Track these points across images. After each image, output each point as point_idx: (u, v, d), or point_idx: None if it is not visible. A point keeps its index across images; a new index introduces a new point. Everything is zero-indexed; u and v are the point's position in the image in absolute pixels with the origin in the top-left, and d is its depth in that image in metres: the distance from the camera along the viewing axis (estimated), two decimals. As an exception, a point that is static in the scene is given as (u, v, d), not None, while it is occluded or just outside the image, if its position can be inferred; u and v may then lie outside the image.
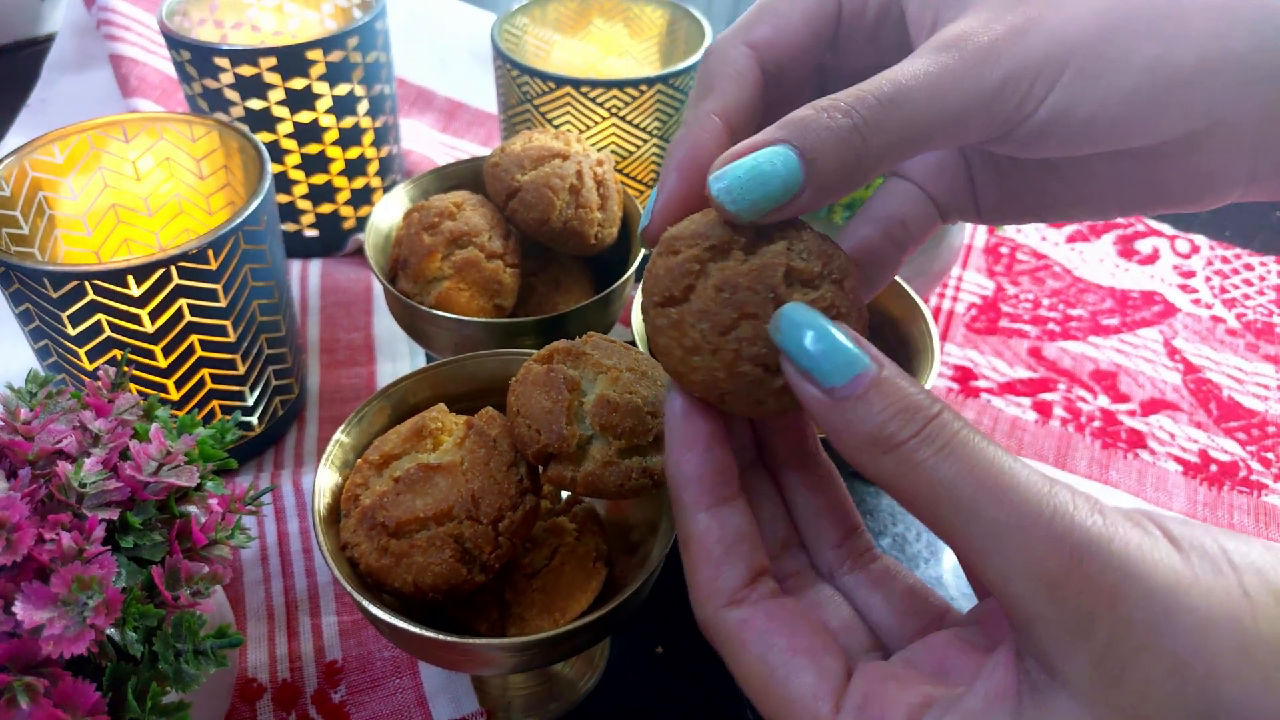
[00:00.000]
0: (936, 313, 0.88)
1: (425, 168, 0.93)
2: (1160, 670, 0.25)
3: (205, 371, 0.64)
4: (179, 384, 0.63)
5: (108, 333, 0.58)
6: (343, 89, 0.82)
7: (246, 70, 0.77)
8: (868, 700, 0.30)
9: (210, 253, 0.58)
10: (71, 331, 0.58)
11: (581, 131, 0.79)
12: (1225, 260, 0.95)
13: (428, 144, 1.05)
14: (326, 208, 0.89)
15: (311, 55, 0.78)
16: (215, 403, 0.66)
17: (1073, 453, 0.75)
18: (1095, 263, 0.95)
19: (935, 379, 0.64)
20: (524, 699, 0.57)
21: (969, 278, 0.93)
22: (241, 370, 0.66)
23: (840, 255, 0.35)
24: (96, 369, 0.50)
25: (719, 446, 0.35)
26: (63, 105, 1.08)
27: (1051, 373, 0.82)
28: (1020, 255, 0.96)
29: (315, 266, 0.89)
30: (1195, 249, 0.96)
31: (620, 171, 0.84)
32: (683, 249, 0.35)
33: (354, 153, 0.87)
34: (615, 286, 0.64)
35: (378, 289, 0.87)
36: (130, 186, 0.70)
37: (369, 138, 0.87)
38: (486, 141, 1.09)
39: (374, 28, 0.82)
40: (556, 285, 0.71)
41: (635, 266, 0.66)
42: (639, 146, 0.82)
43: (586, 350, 0.46)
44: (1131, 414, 0.79)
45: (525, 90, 0.79)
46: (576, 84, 0.77)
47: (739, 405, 0.35)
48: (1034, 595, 0.27)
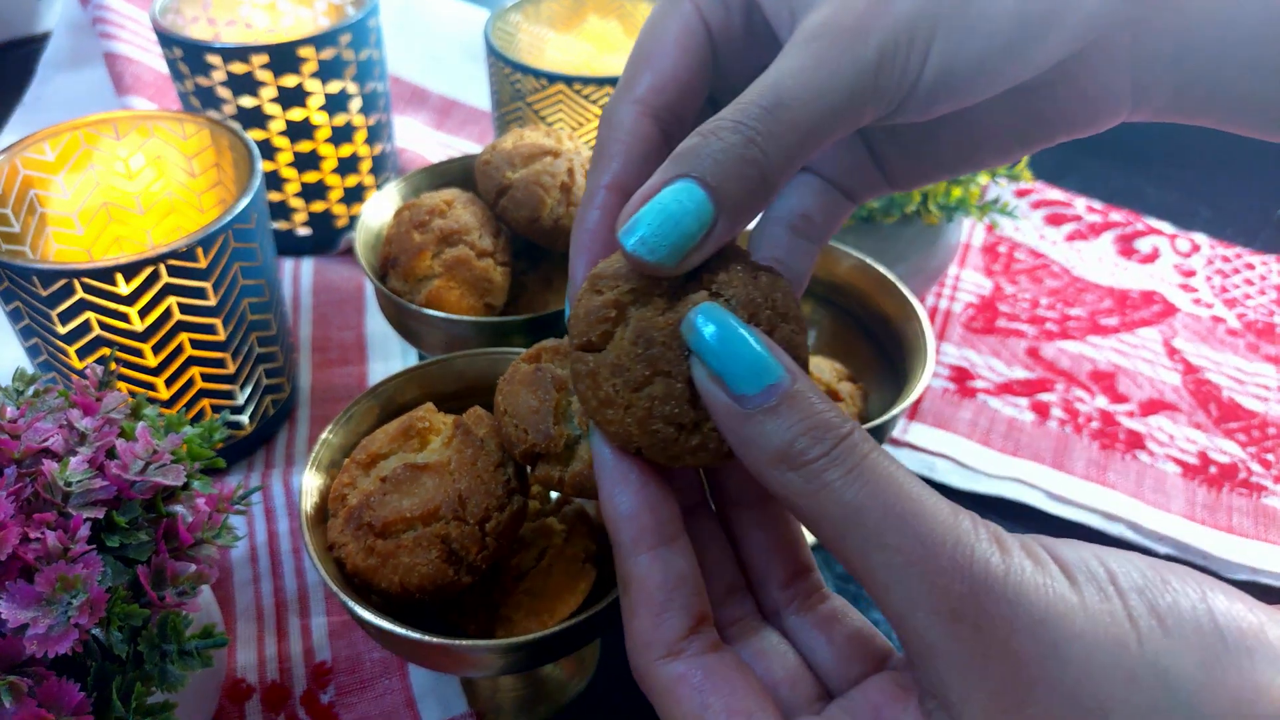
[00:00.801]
0: (933, 312, 0.88)
1: (419, 165, 0.93)
2: (1054, 702, 0.26)
3: (195, 370, 0.64)
4: (169, 382, 0.63)
5: (97, 331, 0.58)
6: (335, 86, 0.81)
7: (238, 68, 0.77)
8: None
9: (200, 251, 0.58)
10: (61, 330, 0.58)
11: (575, 129, 0.79)
12: (1226, 259, 0.95)
13: (422, 141, 1.05)
14: (319, 206, 0.89)
15: (304, 52, 0.78)
16: (205, 401, 0.66)
17: (1070, 454, 0.75)
18: (1094, 262, 0.94)
19: (930, 379, 0.63)
20: (513, 701, 0.57)
21: (966, 276, 0.92)
22: (232, 369, 0.65)
23: (776, 290, 0.34)
24: (85, 368, 0.50)
25: (655, 483, 0.34)
26: (58, 103, 1.08)
27: (1049, 373, 0.82)
28: (1018, 254, 0.95)
29: (307, 265, 0.89)
30: (1196, 248, 0.96)
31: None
32: (605, 290, 0.34)
33: (346, 150, 0.86)
34: (608, 285, 0.64)
35: (369, 288, 0.87)
36: (122, 184, 0.69)
37: (361, 135, 0.87)
38: (481, 139, 1.09)
39: (366, 25, 0.82)
40: (547, 284, 0.71)
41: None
42: (634, 145, 0.82)
43: None
44: (1130, 415, 0.78)
45: (518, 87, 0.79)
46: (569, 81, 0.76)
47: (656, 457, 0.34)
48: (933, 628, 0.27)
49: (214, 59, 0.77)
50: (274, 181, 0.86)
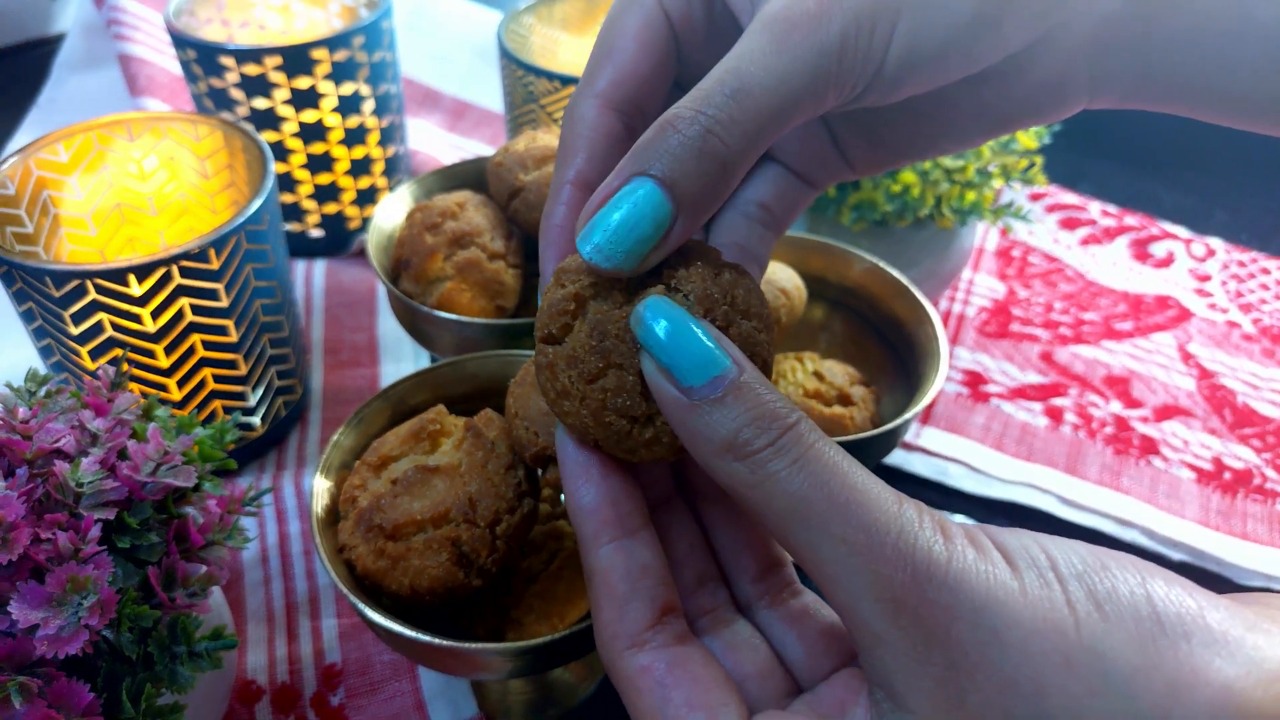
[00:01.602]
0: (946, 316, 0.87)
1: (432, 167, 0.93)
2: (994, 688, 0.26)
3: (207, 371, 0.64)
4: (180, 384, 0.63)
5: (109, 332, 0.58)
6: (348, 88, 0.81)
7: (252, 69, 0.77)
8: None
9: (212, 252, 0.58)
10: (74, 331, 0.58)
11: (588, 132, 0.79)
12: (1241, 264, 0.94)
13: (434, 143, 1.05)
14: (331, 208, 0.89)
15: (317, 54, 0.78)
16: (217, 403, 0.66)
17: (1084, 459, 0.74)
18: (1109, 266, 0.94)
19: (943, 383, 0.63)
20: (523, 704, 0.57)
21: (980, 281, 0.92)
22: (243, 370, 0.65)
23: (738, 287, 0.34)
24: (97, 369, 0.50)
25: (617, 477, 0.34)
26: (72, 104, 1.08)
27: (1063, 378, 0.81)
28: (1032, 258, 0.95)
29: (320, 266, 0.89)
30: (1211, 252, 0.95)
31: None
32: (567, 283, 0.34)
33: (359, 152, 0.87)
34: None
35: (381, 289, 0.87)
36: (135, 185, 0.69)
37: (374, 137, 0.87)
38: (494, 141, 1.09)
39: (380, 27, 0.82)
40: (561, 286, 0.71)
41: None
42: (646, 147, 0.82)
43: None
44: (1144, 420, 0.78)
45: (531, 89, 0.79)
46: (583, 84, 0.76)
47: (613, 450, 0.34)
48: (877, 617, 0.27)
49: (228, 61, 0.77)
50: (287, 183, 0.86)
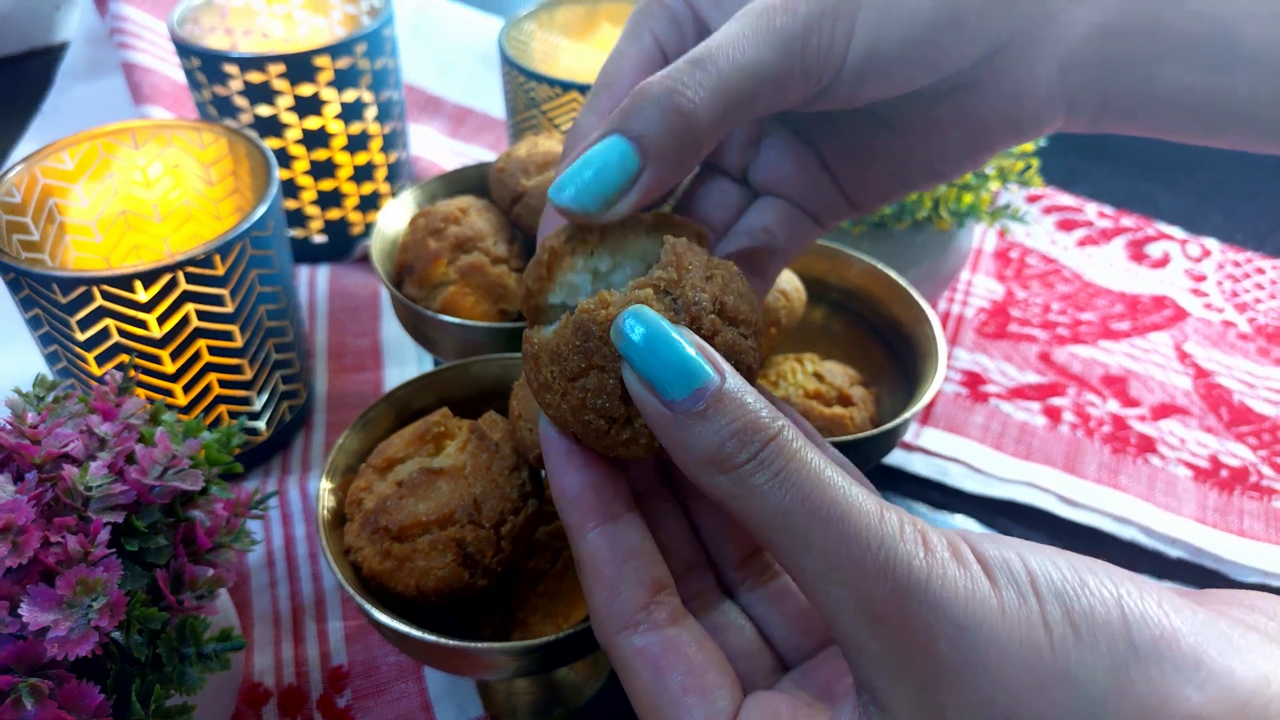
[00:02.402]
0: (945, 317, 0.88)
1: (434, 173, 0.93)
2: (971, 707, 0.26)
3: (212, 376, 0.64)
4: (186, 389, 0.63)
5: (116, 338, 0.59)
6: (351, 95, 0.82)
7: (255, 77, 0.78)
8: None
9: (217, 258, 0.59)
10: (80, 336, 0.58)
11: (589, 137, 0.80)
12: (1236, 264, 0.95)
13: (436, 149, 1.05)
14: (335, 213, 0.89)
15: (320, 62, 0.78)
16: (222, 408, 0.66)
17: (1082, 458, 0.75)
18: (1105, 267, 0.94)
19: (942, 383, 0.63)
20: (528, 704, 0.57)
21: (979, 282, 0.92)
22: (249, 375, 0.66)
23: (729, 292, 0.34)
24: (104, 374, 0.50)
25: (600, 465, 0.35)
26: (75, 112, 1.09)
27: (1061, 377, 0.82)
28: (1030, 259, 0.95)
29: (323, 272, 0.89)
30: (1206, 253, 0.96)
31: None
32: (546, 242, 0.35)
33: (362, 158, 0.87)
34: (621, 291, 0.64)
35: (385, 294, 0.87)
36: (140, 193, 0.70)
37: (377, 143, 0.88)
38: (495, 146, 1.09)
39: (382, 34, 0.82)
40: (563, 290, 0.71)
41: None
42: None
43: None
44: (1142, 419, 0.78)
45: (532, 95, 0.80)
46: (583, 89, 0.77)
47: (592, 446, 0.34)
48: (861, 630, 0.27)
49: (231, 68, 0.77)
50: (290, 189, 0.87)
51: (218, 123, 0.70)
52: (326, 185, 0.87)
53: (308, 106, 0.81)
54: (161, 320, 0.59)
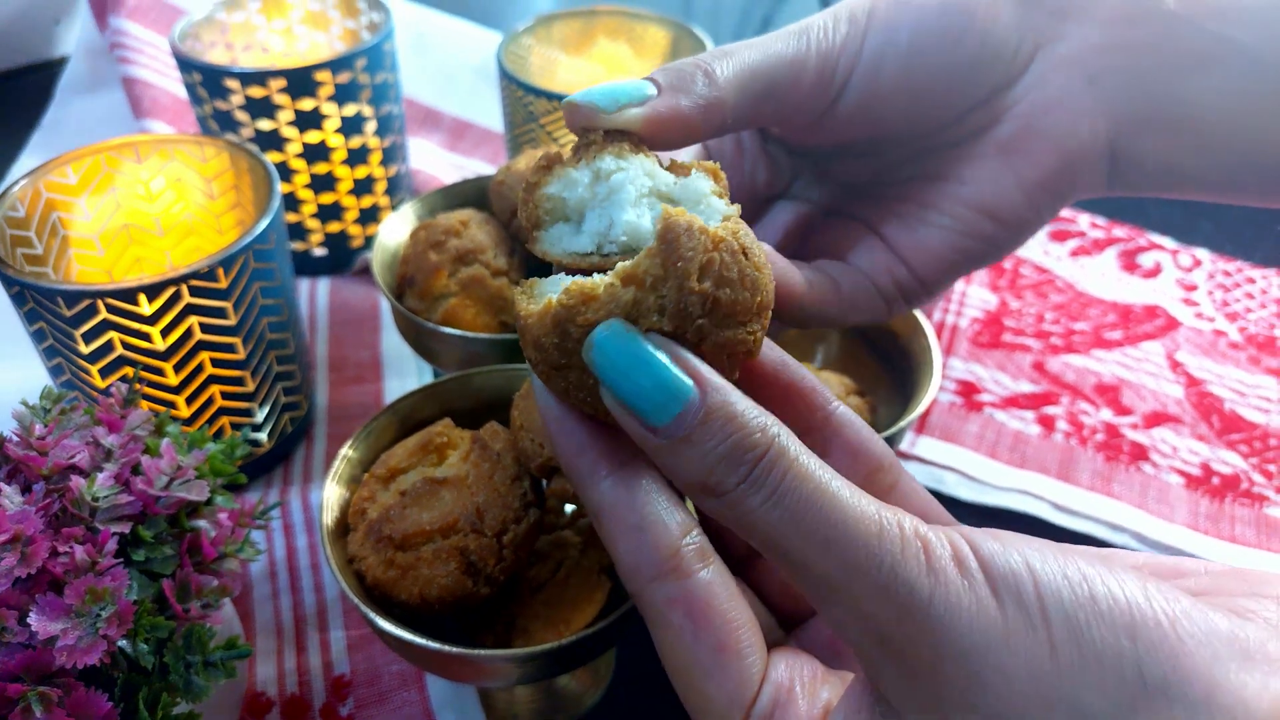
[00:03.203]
0: (940, 327, 0.89)
1: (433, 186, 0.94)
2: None
3: (215, 389, 0.65)
4: (189, 400, 0.64)
5: (119, 350, 0.59)
6: (351, 109, 0.83)
7: (256, 91, 0.78)
8: (773, 710, 0.30)
9: (220, 271, 0.59)
10: (84, 350, 0.59)
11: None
12: (1227, 274, 0.95)
13: (435, 163, 1.06)
14: (335, 226, 0.90)
15: (320, 76, 0.79)
16: (225, 419, 0.67)
17: (1075, 466, 0.75)
18: (1098, 277, 0.95)
19: (937, 393, 0.64)
20: (530, 712, 0.58)
21: (972, 292, 0.93)
22: (251, 387, 0.67)
23: (724, 285, 0.30)
24: (109, 386, 0.51)
25: (597, 420, 0.33)
26: (76, 127, 1.09)
27: (1055, 386, 0.83)
28: (1023, 270, 0.96)
29: (324, 285, 0.90)
30: (1197, 263, 0.97)
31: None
32: (559, 151, 0.36)
33: (362, 172, 0.88)
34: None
35: (385, 307, 0.88)
36: (142, 206, 0.71)
37: (377, 157, 0.88)
38: (494, 160, 1.10)
39: (381, 49, 0.83)
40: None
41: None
42: (643, 164, 0.83)
43: None
44: (1134, 427, 0.79)
45: (531, 109, 0.80)
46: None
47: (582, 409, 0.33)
48: (868, 646, 0.27)
49: (232, 83, 0.78)
50: (291, 203, 0.87)
51: (219, 137, 0.70)
52: (327, 199, 0.88)
53: (308, 121, 0.82)
54: (165, 333, 0.60)
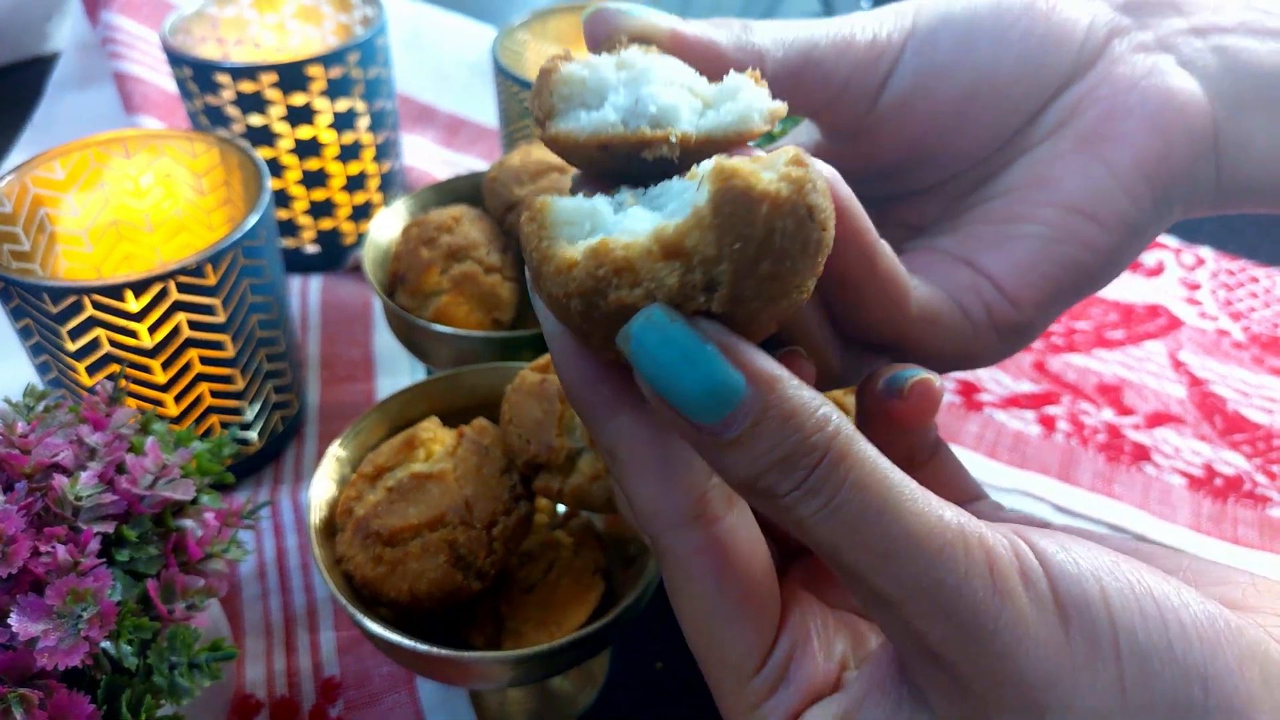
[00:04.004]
0: (939, 326, 0.88)
1: (427, 183, 0.94)
2: None
3: (204, 387, 0.64)
4: (177, 399, 0.63)
5: (106, 348, 0.59)
6: (343, 105, 0.82)
7: (247, 86, 0.78)
8: (788, 663, 0.29)
9: (209, 268, 0.58)
10: (70, 347, 0.58)
11: (582, 146, 0.80)
12: (1230, 273, 0.95)
13: (429, 159, 1.05)
14: (327, 223, 0.89)
15: (312, 71, 0.78)
16: (214, 418, 0.66)
17: (1076, 466, 0.75)
18: (1098, 276, 0.95)
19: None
20: (522, 714, 0.57)
21: (971, 291, 0.92)
22: (240, 385, 0.66)
23: (790, 254, 0.25)
24: (95, 384, 0.50)
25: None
26: (67, 122, 1.09)
27: (1056, 386, 0.82)
28: (1023, 268, 0.95)
29: (315, 282, 0.89)
30: (1200, 262, 0.96)
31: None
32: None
33: (355, 168, 0.87)
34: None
35: (378, 304, 0.87)
36: (131, 202, 0.70)
37: (370, 153, 0.88)
38: (488, 156, 1.09)
39: (375, 44, 0.82)
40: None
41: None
42: (639, 161, 0.82)
43: None
44: (1136, 427, 0.78)
45: (526, 105, 0.80)
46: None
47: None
48: (920, 658, 0.26)
49: (223, 78, 0.77)
50: (282, 199, 0.86)
51: (210, 132, 0.70)
52: (319, 195, 0.87)
53: (300, 116, 0.81)
54: (152, 330, 0.59)
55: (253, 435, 0.69)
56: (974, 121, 0.38)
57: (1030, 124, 0.39)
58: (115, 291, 0.56)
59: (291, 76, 0.78)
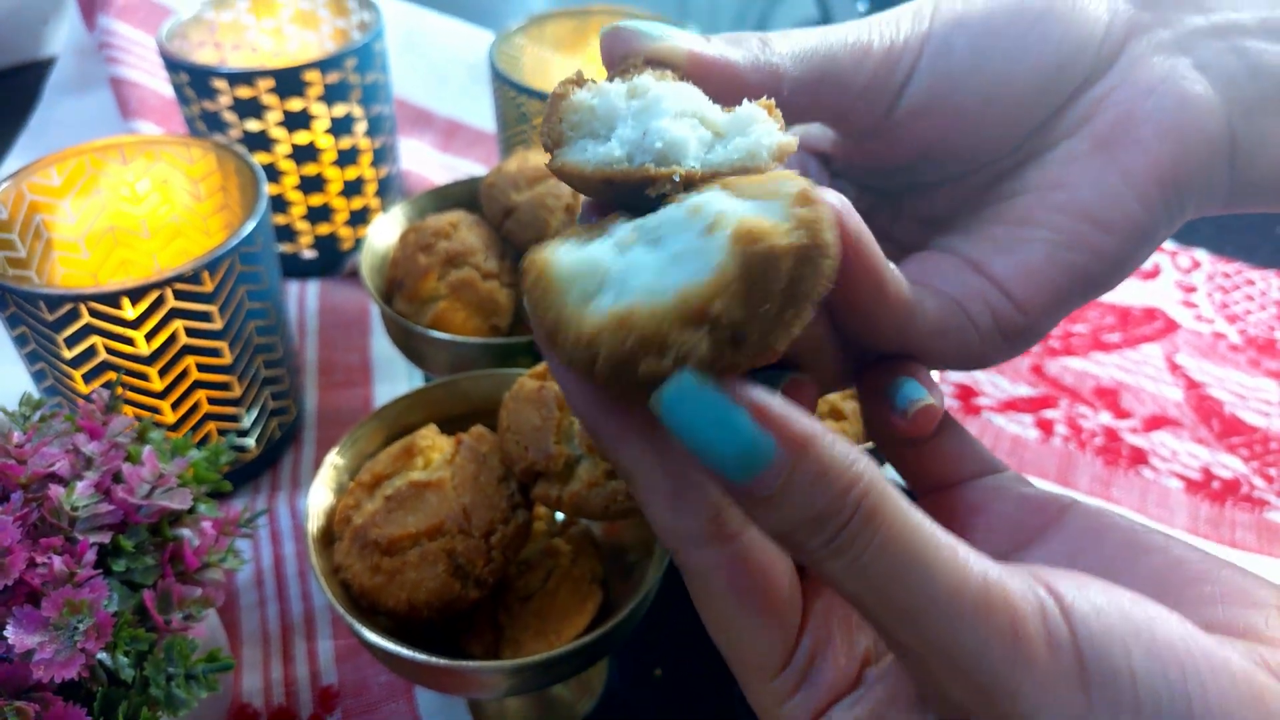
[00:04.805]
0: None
1: (425, 188, 0.93)
2: None
3: (201, 394, 0.64)
4: (174, 406, 0.63)
5: (103, 355, 0.58)
6: (340, 110, 0.82)
7: (244, 92, 0.77)
8: (811, 662, 0.30)
9: (205, 274, 0.58)
10: (67, 354, 0.58)
11: (579, 151, 0.79)
12: (1226, 275, 0.95)
13: (427, 164, 1.05)
14: (324, 229, 0.89)
15: (309, 76, 0.78)
16: (211, 425, 0.66)
17: (1074, 470, 0.75)
18: (1096, 279, 0.94)
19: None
20: (521, 722, 0.57)
21: (969, 294, 0.92)
22: (238, 392, 0.66)
23: (810, 300, 0.25)
24: (92, 392, 0.50)
25: None
26: (63, 127, 1.08)
27: (1053, 389, 0.82)
28: (1020, 272, 0.95)
29: (313, 288, 0.89)
30: (1196, 264, 0.96)
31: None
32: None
33: (352, 173, 0.87)
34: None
35: (375, 310, 0.87)
36: (128, 208, 0.70)
37: (367, 158, 0.87)
38: (486, 161, 1.09)
39: (372, 49, 0.82)
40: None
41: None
42: (637, 165, 0.82)
43: None
44: (1133, 430, 0.78)
45: (523, 110, 0.79)
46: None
47: None
48: (938, 702, 0.26)
49: (220, 83, 0.77)
50: (279, 205, 0.86)
51: (206, 138, 0.69)
52: (316, 200, 0.87)
53: (297, 121, 0.81)
54: (149, 337, 0.59)
55: (250, 442, 0.69)
56: (990, 124, 0.38)
57: (1047, 124, 0.39)
58: (112, 299, 0.56)
59: (288, 82, 0.78)
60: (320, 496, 0.50)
